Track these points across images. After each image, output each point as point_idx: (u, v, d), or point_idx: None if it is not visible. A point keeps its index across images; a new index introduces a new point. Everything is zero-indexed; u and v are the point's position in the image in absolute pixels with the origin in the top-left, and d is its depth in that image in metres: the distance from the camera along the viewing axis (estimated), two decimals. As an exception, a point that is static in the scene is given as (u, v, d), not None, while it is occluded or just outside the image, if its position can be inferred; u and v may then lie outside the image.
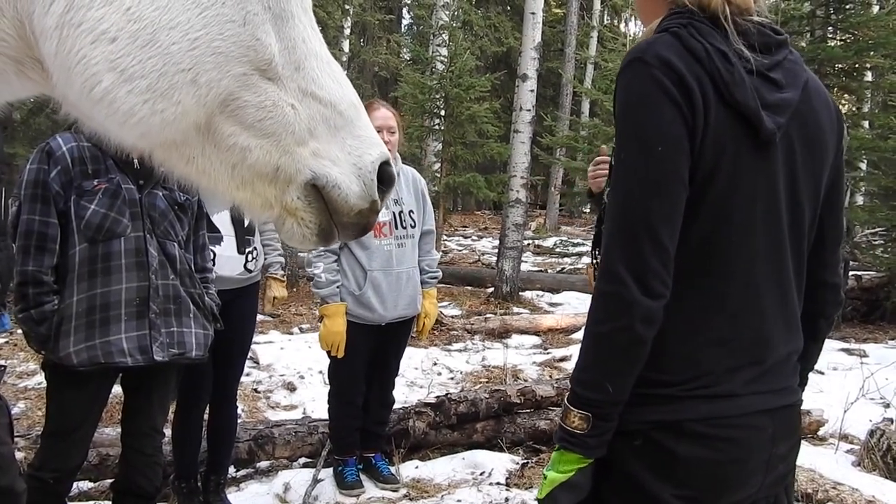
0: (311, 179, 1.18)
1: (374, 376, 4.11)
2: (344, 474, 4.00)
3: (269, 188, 1.19)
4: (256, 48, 1.11)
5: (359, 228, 1.26)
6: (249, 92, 1.12)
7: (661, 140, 1.32)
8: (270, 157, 1.16)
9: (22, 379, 5.78)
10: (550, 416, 4.64)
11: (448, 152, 11.86)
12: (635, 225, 1.33)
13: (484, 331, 7.97)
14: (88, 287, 2.69)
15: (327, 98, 1.18)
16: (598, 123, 16.37)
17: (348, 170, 1.20)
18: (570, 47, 21.15)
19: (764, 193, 1.40)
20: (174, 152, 1.17)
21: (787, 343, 1.49)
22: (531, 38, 10.51)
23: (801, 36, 13.80)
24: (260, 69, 1.12)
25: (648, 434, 1.39)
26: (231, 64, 1.10)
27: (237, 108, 1.12)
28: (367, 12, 18.14)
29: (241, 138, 1.14)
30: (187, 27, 1.06)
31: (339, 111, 1.19)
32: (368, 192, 1.21)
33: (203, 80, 1.08)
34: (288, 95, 1.15)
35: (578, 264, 14.12)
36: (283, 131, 1.15)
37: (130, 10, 1.04)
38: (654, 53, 1.34)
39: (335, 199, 1.20)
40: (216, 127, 1.13)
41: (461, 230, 20.53)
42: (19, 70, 1.11)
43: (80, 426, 2.82)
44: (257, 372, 6.11)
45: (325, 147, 1.19)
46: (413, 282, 4.01)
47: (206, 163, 1.17)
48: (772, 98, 1.38)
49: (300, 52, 1.17)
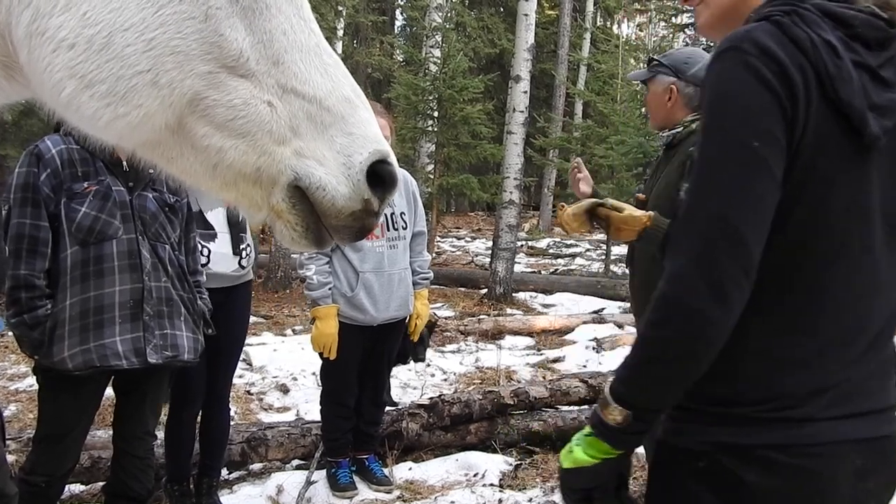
0: (293, 181, 1.12)
1: (367, 377, 4.11)
2: (337, 476, 3.99)
3: (254, 189, 1.15)
4: (220, 44, 1.07)
5: (353, 231, 1.19)
6: (218, 91, 1.07)
7: (754, 133, 1.19)
8: (248, 158, 1.11)
9: (13, 381, 5.75)
10: (544, 418, 4.65)
11: (441, 154, 11.86)
12: (716, 224, 1.19)
13: (477, 332, 7.97)
14: (81, 290, 2.68)
15: (311, 93, 1.11)
16: (590, 125, 16.43)
17: (336, 170, 1.12)
18: (563, 49, 21.18)
19: (860, 203, 1.26)
20: (154, 152, 1.15)
21: (882, 367, 1.34)
22: (524, 40, 10.53)
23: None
24: (227, 66, 1.07)
25: (715, 456, 1.28)
26: (193, 62, 1.06)
27: (207, 107, 1.08)
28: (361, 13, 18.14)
29: (215, 139, 1.10)
30: (142, 27, 1.03)
31: (326, 107, 1.12)
32: (357, 193, 1.13)
33: (164, 80, 1.05)
34: (263, 92, 1.09)
35: (572, 265, 14.14)
36: (259, 130, 1.09)
37: (87, 15, 1.03)
38: (752, 41, 1.20)
39: (321, 201, 1.13)
40: (189, 128, 1.09)
41: (454, 231, 20.53)
42: (9, 76, 1.12)
43: (73, 430, 2.81)
44: (250, 374, 6.10)
45: (310, 146, 1.12)
46: (405, 283, 4.02)
47: (187, 163, 1.14)
48: (880, 99, 1.24)
49: (279, 45, 1.10)
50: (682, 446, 1.31)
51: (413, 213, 4.11)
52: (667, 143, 2.91)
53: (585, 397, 4.91)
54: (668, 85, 2.88)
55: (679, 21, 21.63)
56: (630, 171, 11.91)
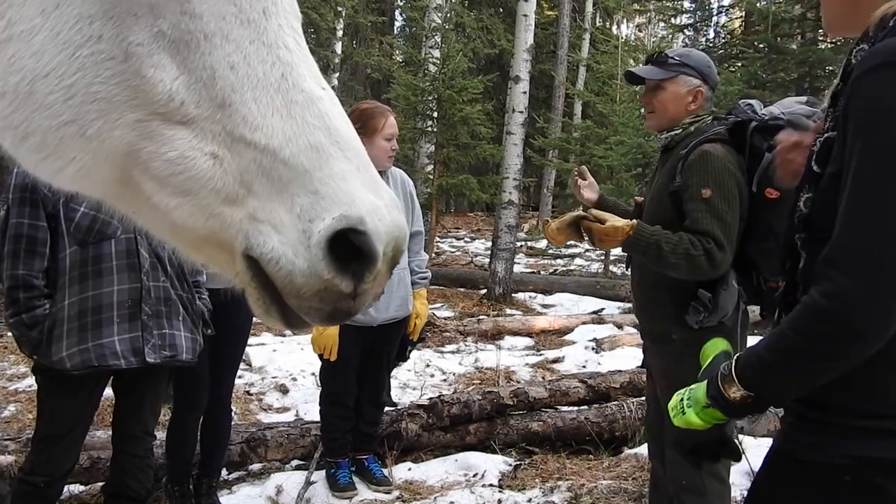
0: (246, 249, 0.93)
1: (366, 378, 4.11)
2: (336, 476, 3.99)
3: (220, 253, 0.97)
4: (143, 88, 0.91)
5: (323, 315, 0.96)
6: (152, 142, 0.92)
7: None
8: (196, 220, 0.94)
9: (12, 382, 5.75)
10: (543, 418, 4.64)
11: (441, 154, 11.86)
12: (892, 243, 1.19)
13: (477, 332, 7.96)
14: (80, 290, 2.68)
15: (264, 142, 0.91)
16: (590, 125, 16.44)
17: (294, 238, 0.91)
18: (563, 49, 21.18)
19: None
20: (118, 204, 1.02)
21: None
22: (523, 40, 10.53)
23: (791, 38, 13.88)
24: (158, 113, 0.91)
25: (860, 471, 1.27)
26: (119, 110, 0.91)
27: (145, 161, 0.93)
28: (360, 14, 18.16)
29: (161, 196, 0.94)
30: (61, 73, 0.90)
31: (283, 160, 0.91)
32: (317, 270, 0.91)
33: (91, 132, 0.91)
34: (206, 142, 0.91)
35: (571, 266, 14.14)
36: (202, 189, 0.92)
37: (12, 61, 0.92)
38: None
39: (275, 276, 0.92)
40: (137, 182, 0.95)
41: (454, 232, 20.53)
42: None
43: (72, 430, 2.81)
44: (249, 374, 6.09)
45: (266, 207, 0.92)
46: (404, 283, 4.02)
47: (148, 220, 1.00)
48: None
49: (224, 82, 0.91)
50: (822, 461, 1.31)
51: (410, 213, 4.11)
52: (665, 144, 2.90)
53: (585, 397, 4.91)
54: (696, 88, 2.83)
55: (678, 21, 21.65)
56: (629, 171, 11.92)
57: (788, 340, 1.31)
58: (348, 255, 0.91)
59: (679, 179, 2.68)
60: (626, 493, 3.82)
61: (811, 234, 1.39)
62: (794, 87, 12.70)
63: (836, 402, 1.30)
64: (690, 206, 2.62)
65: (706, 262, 2.55)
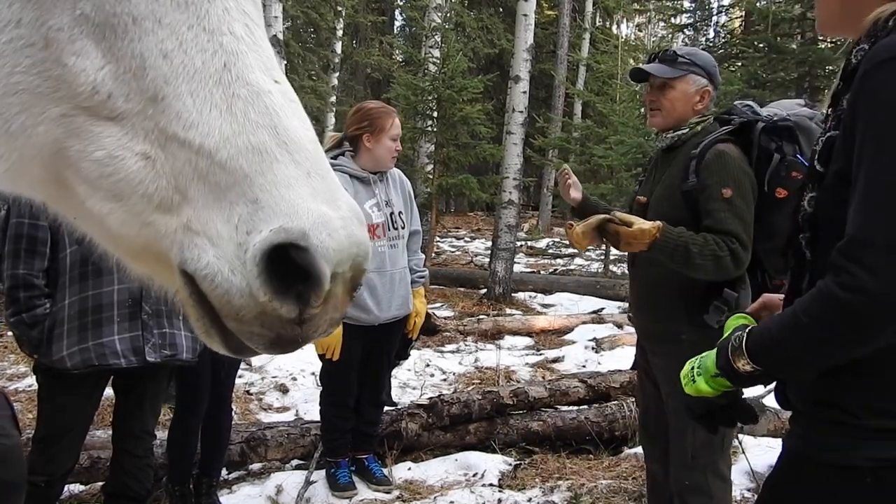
0: (181, 263, 0.82)
1: (366, 378, 4.11)
2: (336, 476, 4.00)
3: (161, 267, 0.87)
4: (66, 78, 0.81)
5: (266, 341, 0.84)
6: (79, 140, 0.82)
7: None
8: (129, 229, 0.84)
9: (13, 381, 5.75)
10: (543, 418, 4.64)
11: (440, 154, 11.86)
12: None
13: (476, 332, 7.96)
14: (80, 289, 2.68)
15: (199, 142, 0.80)
16: (590, 125, 16.44)
17: (231, 252, 0.80)
18: (563, 49, 21.18)
19: None
20: (60, 209, 0.93)
21: None
22: (523, 40, 10.53)
23: (791, 38, 13.89)
24: (83, 107, 0.82)
25: (881, 473, 1.27)
26: (42, 103, 0.82)
27: (75, 161, 0.83)
28: (360, 14, 18.17)
29: (94, 201, 0.84)
30: None
31: (219, 162, 0.80)
32: (254, 290, 0.80)
33: (14, 128, 0.83)
34: (137, 141, 0.81)
35: (571, 265, 14.14)
36: (132, 193, 0.82)
37: None
38: None
39: (211, 295, 0.82)
40: (70, 185, 0.85)
41: (454, 231, 20.53)
42: None
43: (72, 429, 2.81)
44: (249, 374, 6.09)
45: (202, 216, 0.81)
46: (405, 282, 4.04)
47: (88, 227, 0.91)
48: None
49: (157, 73, 0.81)
50: (846, 464, 1.31)
51: (409, 212, 4.12)
52: (670, 144, 2.86)
53: (585, 397, 4.91)
54: (704, 88, 2.82)
55: (678, 21, 21.64)
56: (629, 171, 11.91)
57: (801, 324, 1.33)
58: (292, 275, 0.79)
59: (693, 179, 2.66)
60: (626, 493, 3.82)
61: (815, 232, 1.41)
62: (794, 86, 12.71)
63: (854, 402, 1.31)
64: (712, 206, 2.62)
65: (731, 262, 2.56)
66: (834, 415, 1.35)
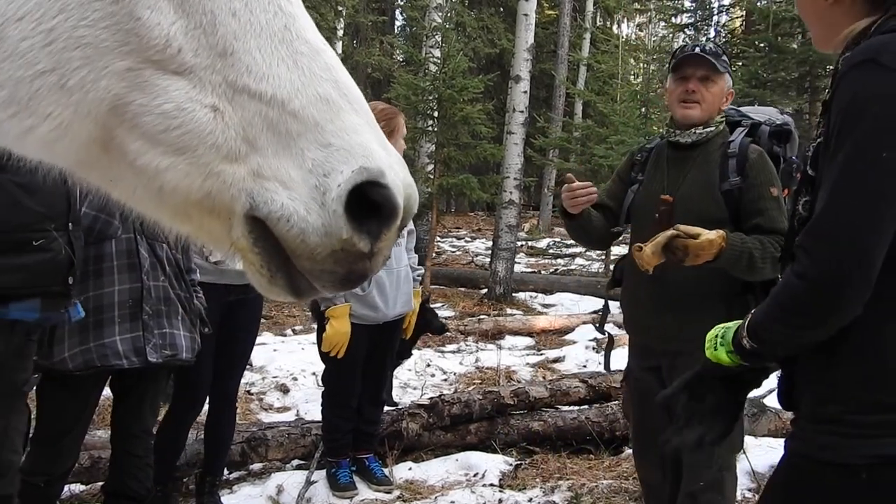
0: (250, 210, 0.85)
1: (368, 377, 4.11)
2: (337, 476, 3.99)
3: (211, 220, 0.89)
4: (138, 32, 0.82)
5: (338, 278, 0.88)
6: (144, 93, 0.83)
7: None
8: (192, 181, 0.85)
9: (13, 382, 5.75)
10: (544, 418, 4.64)
11: (441, 154, 11.85)
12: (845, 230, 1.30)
13: (477, 332, 7.97)
14: (81, 290, 2.67)
15: (271, 93, 0.84)
16: (590, 125, 16.42)
17: (306, 194, 0.84)
18: (563, 49, 21.17)
19: None
20: (92, 174, 0.92)
21: None
22: (524, 40, 10.53)
23: (792, 38, 13.88)
24: (152, 60, 0.83)
25: (875, 470, 1.29)
26: (107, 57, 0.82)
27: (134, 115, 0.84)
28: (360, 14, 18.16)
29: (151, 156, 0.85)
30: (39, 15, 0.81)
31: (292, 111, 0.84)
32: (334, 228, 0.84)
33: (72, 83, 0.82)
34: (205, 94, 0.84)
35: (572, 265, 14.14)
36: (200, 144, 0.84)
37: None
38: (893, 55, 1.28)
39: (285, 236, 0.85)
40: (121, 142, 0.86)
41: (454, 231, 20.53)
42: None
43: (72, 430, 2.81)
44: (250, 374, 6.09)
45: (272, 163, 0.85)
46: (408, 280, 4.08)
47: (130, 188, 0.90)
48: None
49: (226, 29, 0.85)
50: (840, 462, 1.32)
51: (408, 212, 4.14)
52: (696, 140, 2.78)
53: (585, 397, 4.91)
54: (730, 89, 2.83)
55: (679, 21, 21.64)
56: (630, 171, 11.89)
57: (772, 308, 1.47)
58: (363, 211, 0.84)
59: (736, 178, 2.64)
60: (626, 493, 3.82)
61: None
62: (794, 86, 12.71)
63: (850, 397, 1.33)
64: (763, 205, 2.62)
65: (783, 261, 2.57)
66: (829, 410, 1.37)
